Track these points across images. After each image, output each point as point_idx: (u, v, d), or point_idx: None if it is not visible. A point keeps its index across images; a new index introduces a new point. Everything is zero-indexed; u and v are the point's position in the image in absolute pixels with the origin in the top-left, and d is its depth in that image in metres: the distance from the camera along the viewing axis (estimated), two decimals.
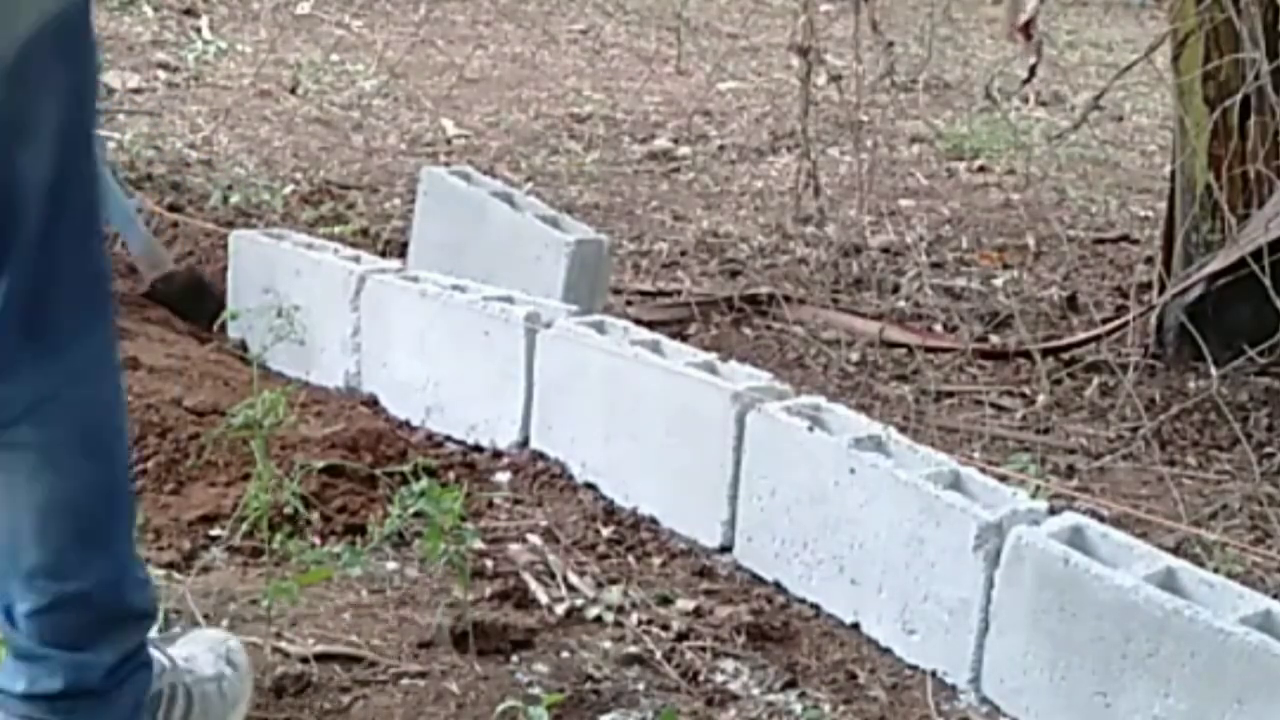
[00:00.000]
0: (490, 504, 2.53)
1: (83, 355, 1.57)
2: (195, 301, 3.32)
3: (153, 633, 1.72)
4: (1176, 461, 3.06)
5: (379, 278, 2.96)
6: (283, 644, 2.03)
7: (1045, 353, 3.43)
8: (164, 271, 3.36)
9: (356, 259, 3.08)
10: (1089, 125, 5.14)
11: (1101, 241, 4.70)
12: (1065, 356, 3.54)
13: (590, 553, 2.42)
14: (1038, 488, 2.70)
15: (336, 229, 4.02)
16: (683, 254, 4.26)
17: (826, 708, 2.05)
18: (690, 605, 2.27)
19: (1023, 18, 3.75)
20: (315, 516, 2.38)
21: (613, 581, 2.32)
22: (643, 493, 2.56)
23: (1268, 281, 2.91)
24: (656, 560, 2.42)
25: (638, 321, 2.95)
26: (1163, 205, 3.88)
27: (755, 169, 5.36)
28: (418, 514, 2.10)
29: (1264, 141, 3.31)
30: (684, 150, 5.51)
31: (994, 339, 3.72)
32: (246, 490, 2.33)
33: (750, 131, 5.82)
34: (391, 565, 2.31)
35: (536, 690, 2.00)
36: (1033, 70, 3.69)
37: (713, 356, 2.58)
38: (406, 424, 2.86)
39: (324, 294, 3.01)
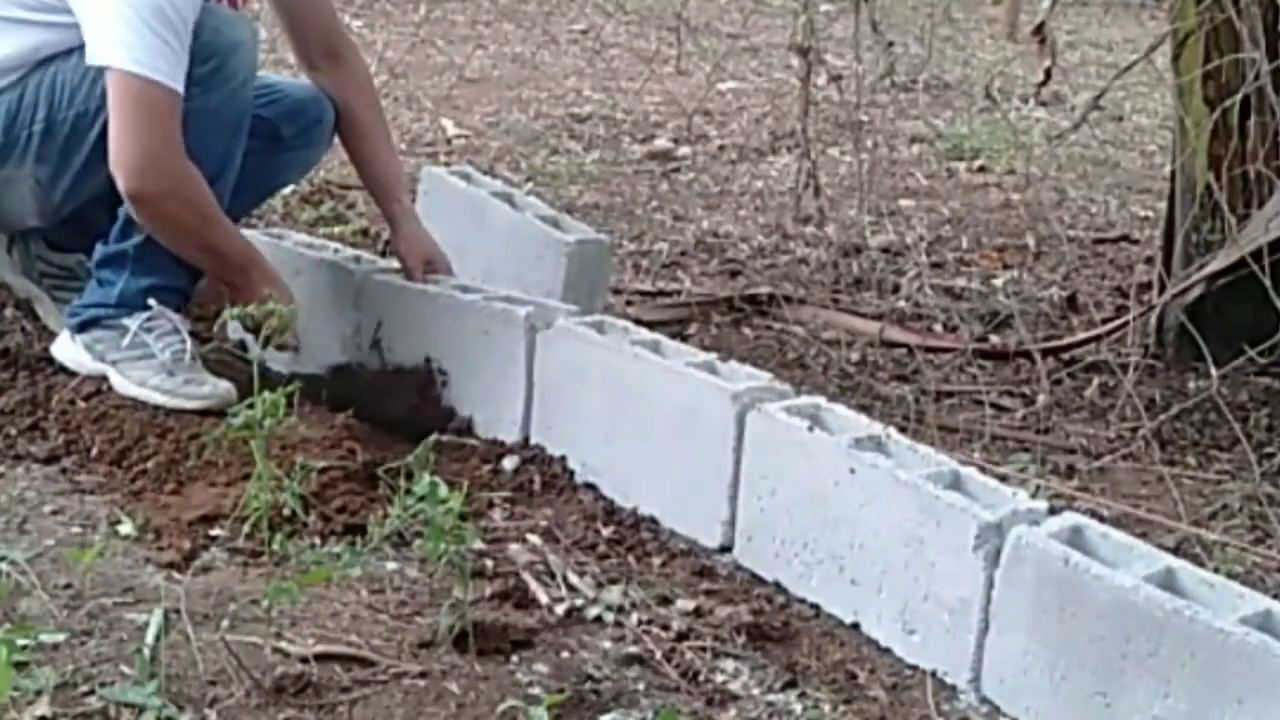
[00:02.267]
0: (490, 504, 2.53)
1: None
2: None
3: None
4: (1176, 461, 3.06)
5: (379, 278, 2.96)
6: (283, 644, 2.02)
7: (1045, 353, 3.43)
8: None
9: (356, 259, 3.08)
10: (1089, 125, 5.14)
11: (1101, 241, 4.70)
12: (1065, 356, 3.54)
13: (590, 553, 2.42)
14: (1038, 488, 2.70)
15: (336, 229, 4.02)
16: (683, 254, 4.25)
17: (826, 708, 2.05)
18: (690, 605, 2.26)
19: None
20: (315, 517, 2.38)
21: (613, 581, 2.32)
22: (643, 493, 2.56)
23: (1268, 281, 2.91)
24: (656, 560, 2.42)
25: (638, 321, 2.95)
26: (1163, 205, 3.88)
27: (755, 169, 5.36)
28: (418, 514, 2.10)
29: (1264, 141, 3.31)
30: (684, 150, 5.51)
31: (994, 339, 3.72)
32: (246, 490, 2.32)
33: (750, 131, 5.82)
34: (391, 565, 2.31)
35: (536, 690, 2.00)
36: (1048, 74, 3.68)
37: (713, 356, 2.58)
38: None
39: (324, 294, 3.00)
